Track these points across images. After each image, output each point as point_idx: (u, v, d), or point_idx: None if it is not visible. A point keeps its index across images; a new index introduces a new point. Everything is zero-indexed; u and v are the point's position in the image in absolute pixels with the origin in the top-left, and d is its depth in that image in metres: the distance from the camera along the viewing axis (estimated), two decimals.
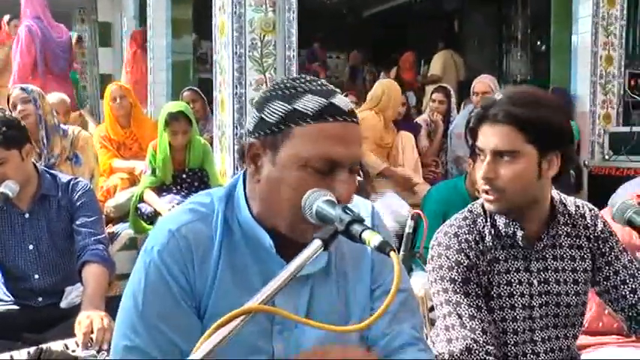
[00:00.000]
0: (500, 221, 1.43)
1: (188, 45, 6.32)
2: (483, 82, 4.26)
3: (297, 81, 1.05)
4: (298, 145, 1.00)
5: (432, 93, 4.71)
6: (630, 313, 1.46)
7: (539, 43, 7.17)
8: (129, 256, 3.22)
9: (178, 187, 3.43)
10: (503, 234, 1.43)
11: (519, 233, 1.42)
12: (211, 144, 3.84)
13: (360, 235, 0.88)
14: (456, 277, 1.39)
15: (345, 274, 1.15)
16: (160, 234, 1.07)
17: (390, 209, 3.70)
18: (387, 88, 4.14)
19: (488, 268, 1.43)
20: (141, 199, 3.36)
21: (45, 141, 3.15)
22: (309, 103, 1.01)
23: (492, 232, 1.44)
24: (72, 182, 2.33)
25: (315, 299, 1.11)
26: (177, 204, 3.29)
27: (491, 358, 1.33)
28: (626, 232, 1.64)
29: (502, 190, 1.36)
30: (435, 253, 1.45)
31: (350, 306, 1.14)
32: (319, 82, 1.06)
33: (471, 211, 1.48)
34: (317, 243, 0.89)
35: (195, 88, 5.02)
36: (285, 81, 1.07)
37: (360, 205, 1.19)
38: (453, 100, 4.81)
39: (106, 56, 7.75)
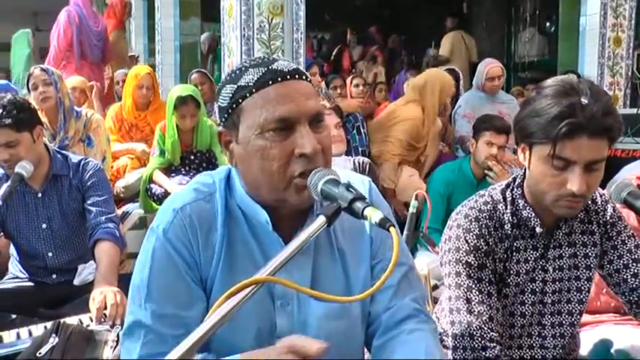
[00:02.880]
0: (524, 212, 1.43)
1: (196, 27, 6.32)
2: (497, 67, 4.31)
3: (242, 63, 1.10)
4: (249, 116, 1.04)
5: None
6: (631, 297, 1.48)
7: (547, 24, 7.11)
8: (139, 235, 3.27)
9: (187, 168, 3.47)
10: (524, 223, 1.43)
11: (539, 224, 1.42)
12: (218, 125, 3.86)
13: (362, 212, 0.91)
14: (472, 262, 1.40)
15: (345, 252, 1.17)
16: (166, 213, 1.11)
17: None
18: (430, 77, 4.00)
19: (505, 256, 1.43)
20: (150, 180, 3.41)
21: (62, 123, 3.19)
22: (249, 76, 1.05)
23: (512, 220, 1.44)
24: (82, 162, 2.38)
25: (317, 276, 1.13)
26: (187, 184, 3.33)
27: (493, 344, 1.35)
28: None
29: (586, 197, 1.34)
30: (454, 234, 1.43)
31: (351, 282, 1.16)
32: (261, 57, 1.11)
33: (492, 197, 1.47)
34: (321, 219, 0.92)
35: (204, 70, 5.04)
36: (235, 67, 1.11)
37: (357, 181, 1.21)
38: (462, 82, 4.80)
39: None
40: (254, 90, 1.04)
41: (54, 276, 2.35)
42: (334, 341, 1.09)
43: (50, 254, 2.33)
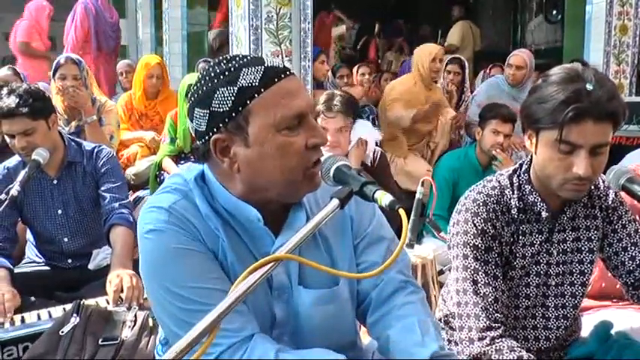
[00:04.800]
0: (530, 197, 1.47)
1: (203, 16, 6.35)
2: (520, 57, 4.27)
3: (223, 64, 1.05)
4: (262, 116, 1.02)
5: (447, 64, 4.72)
6: (627, 280, 1.53)
7: (554, 12, 7.10)
8: None
9: (196, 156, 3.53)
10: (530, 207, 1.48)
11: (545, 208, 1.46)
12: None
13: (373, 195, 0.97)
14: (480, 245, 1.44)
15: (327, 235, 1.21)
16: (154, 214, 1.10)
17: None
18: (415, 55, 4.10)
19: (512, 239, 1.48)
20: (160, 167, 3.47)
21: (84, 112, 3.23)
22: (249, 76, 1.02)
23: (519, 204, 1.48)
24: (96, 149, 2.44)
25: (306, 266, 1.13)
26: None
27: (497, 324, 1.40)
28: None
29: (592, 180, 1.39)
30: (462, 218, 1.47)
31: (337, 264, 1.20)
32: (241, 56, 1.07)
33: (499, 182, 1.51)
34: (335, 202, 0.98)
35: (211, 60, 5.08)
36: (211, 70, 1.06)
37: None
38: (467, 71, 4.82)
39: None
40: (262, 89, 1.02)
41: (69, 260, 2.41)
42: (326, 323, 1.17)
43: (66, 239, 2.39)
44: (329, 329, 1.19)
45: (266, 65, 1.05)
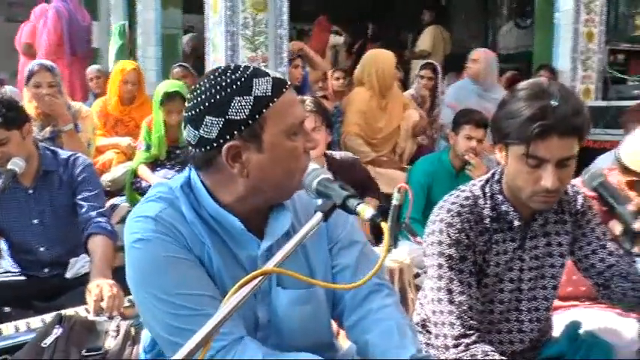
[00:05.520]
0: (502, 206, 1.52)
1: (178, 19, 6.29)
2: (476, 52, 4.51)
3: (231, 73, 1.10)
4: (276, 123, 1.09)
5: (420, 69, 4.80)
6: (598, 280, 1.59)
7: (524, 18, 7.26)
8: None
9: (172, 163, 3.52)
10: (502, 217, 1.53)
11: (517, 217, 1.52)
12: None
13: (355, 208, 1.01)
14: (454, 255, 1.48)
15: (305, 243, 1.20)
16: (142, 223, 1.13)
17: None
18: (366, 61, 4.11)
19: (485, 248, 1.52)
20: (135, 175, 3.46)
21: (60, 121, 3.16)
22: (262, 86, 1.09)
23: (491, 214, 1.53)
24: (72, 158, 2.42)
25: (283, 265, 1.19)
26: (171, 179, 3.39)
27: (472, 332, 1.46)
28: None
29: (560, 192, 1.45)
30: (437, 228, 1.51)
31: (313, 268, 1.24)
32: (244, 66, 1.13)
33: (472, 192, 1.55)
34: (318, 215, 1.01)
35: (186, 65, 5.06)
36: (220, 79, 1.10)
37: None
38: (440, 76, 4.91)
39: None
40: (275, 99, 1.09)
41: (46, 270, 2.39)
42: (304, 323, 1.22)
43: (42, 249, 2.37)
44: (308, 330, 1.23)
45: (272, 76, 1.12)
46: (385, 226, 0.97)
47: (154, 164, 3.47)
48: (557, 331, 1.76)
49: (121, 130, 3.94)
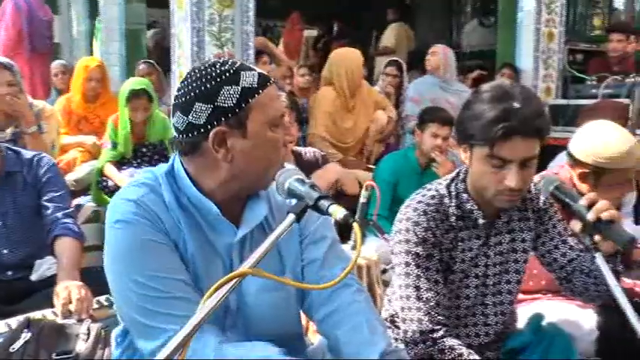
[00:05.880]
0: (467, 205, 1.57)
1: (141, 14, 6.18)
2: (435, 47, 4.69)
3: (219, 66, 1.18)
4: (260, 113, 1.17)
5: (385, 67, 4.85)
6: (560, 274, 1.66)
7: (487, 16, 7.40)
8: (93, 228, 3.27)
9: (139, 161, 3.48)
10: (467, 215, 1.57)
11: (482, 215, 1.56)
12: (169, 116, 3.88)
13: (327, 209, 1.03)
14: (421, 253, 1.53)
15: None
16: (123, 206, 1.19)
17: None
18: (334, 60, 4.13)
19: (451, 245, 1.57)
20: (102, 174, 3.41)
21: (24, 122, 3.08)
22: (248, 78, 1.17)
23: (457, 212, 1.57)
24: (36, 158, 2.37)
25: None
26: None
27: (439, 327, 1.50)
28: None
29: (523, 190, 1.49)
30: (404, 227, 1.55)
31: (283, 259, 1.30)
32: (232, 61, 1.21)
33: (438, 191, 1.60)
34: (291, 217, 1.04)
35: (151, 61, 4.99)
36: (210, 70, 1.17)
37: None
38: (405, 73, 4.98)
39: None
40: (260, 91, 1.17)
41: (9, 272, 2.33)
42: (272, 311, 1.26)
43: (5, 251, 2.31)
44: (276, 318, 1.27)
45: (257, 72, 1.20)
46: (357, 228, 0.99)
47: (121, 163, 3.43)
48: (521, 322, 1.82)
49: (85, 128, 3.87)
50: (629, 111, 3.89)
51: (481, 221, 1.56)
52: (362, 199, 2.25)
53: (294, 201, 1.11)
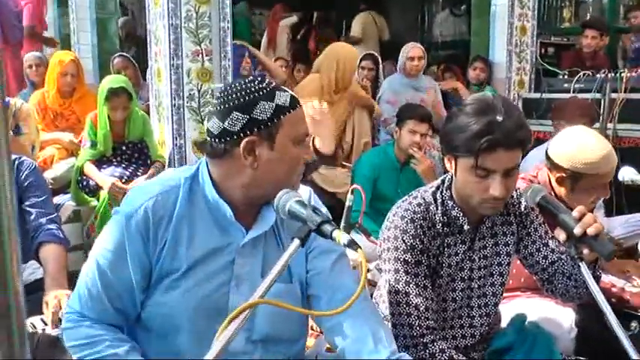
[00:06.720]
0: (453, 212, 1.62)
1: (110, 2, 6.05)
2: (418, 49, 4.61)
3: (263, 83, 1.31)
4: (288, 129, 1.29)
5: (361, 60, 4.86)
6: (542, 276, 1.73)
7: (458, 5, 7.45)
8: (73, 228, 3.24)
9: (118, 159, 3.45)
10: (453, 221, 1.62)
11: (467, 221, 1.62)
12: (147, 112, 3.85)
13: (331, 234, 1.07)
14: (409, 260, 1.58)
15: (285, 244, 1.38)
16: (129, 204, 1.31)
17: None
18: (330, 52, 4.09)
19: (438, 251, 1.62)
20: (81, 172, 3.36)
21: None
22: (282, 98, 1.29)
23: (443, 219, 1.63)
24: (16, 162, 2.32)
25: (266, 262, 1.34)
26: (119, 176, 3.32)
27: (429, 331, 1.56)
28: None
29: (506, 198, 1.55)
30: (392, 234, 1.60)
31: (290, 268, 1.36)
32: (269, 81, 1.34)
33: (424, 199, 1.64)
34: (296, 242, 1.08)
35: (127, 55, 4.92)
36: (250, 84, 1.30)
37: (300, 190, 1.42)
38: (381, 66, 4.99)
39: None
40: (291, 110, 1.30)
41: None
42: (276, 317, 1.31)
43: None
44: (278, 323, 1.33)
45: (289, 93, 1.32)
46: (362, 253, 1.02)
47: (100, 162, 3.39)
48: (504, 320, 1.90)
49: (62, 124, 3.81)
50: (599, 108, 4.01)
51: (466, 227, 1.62)
52: (348, 203, 2.28)
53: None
